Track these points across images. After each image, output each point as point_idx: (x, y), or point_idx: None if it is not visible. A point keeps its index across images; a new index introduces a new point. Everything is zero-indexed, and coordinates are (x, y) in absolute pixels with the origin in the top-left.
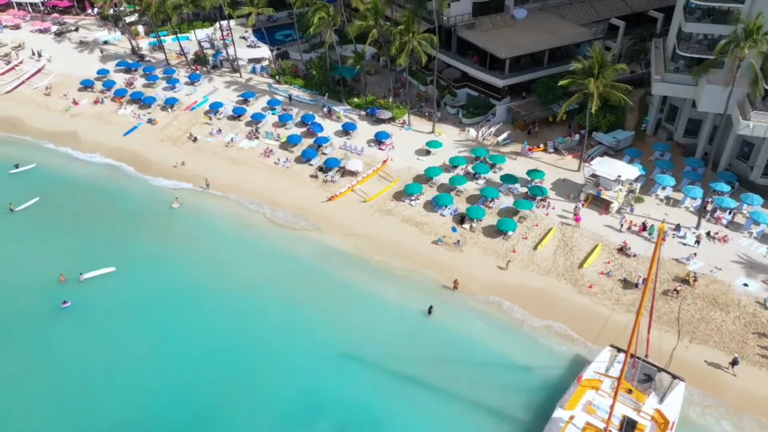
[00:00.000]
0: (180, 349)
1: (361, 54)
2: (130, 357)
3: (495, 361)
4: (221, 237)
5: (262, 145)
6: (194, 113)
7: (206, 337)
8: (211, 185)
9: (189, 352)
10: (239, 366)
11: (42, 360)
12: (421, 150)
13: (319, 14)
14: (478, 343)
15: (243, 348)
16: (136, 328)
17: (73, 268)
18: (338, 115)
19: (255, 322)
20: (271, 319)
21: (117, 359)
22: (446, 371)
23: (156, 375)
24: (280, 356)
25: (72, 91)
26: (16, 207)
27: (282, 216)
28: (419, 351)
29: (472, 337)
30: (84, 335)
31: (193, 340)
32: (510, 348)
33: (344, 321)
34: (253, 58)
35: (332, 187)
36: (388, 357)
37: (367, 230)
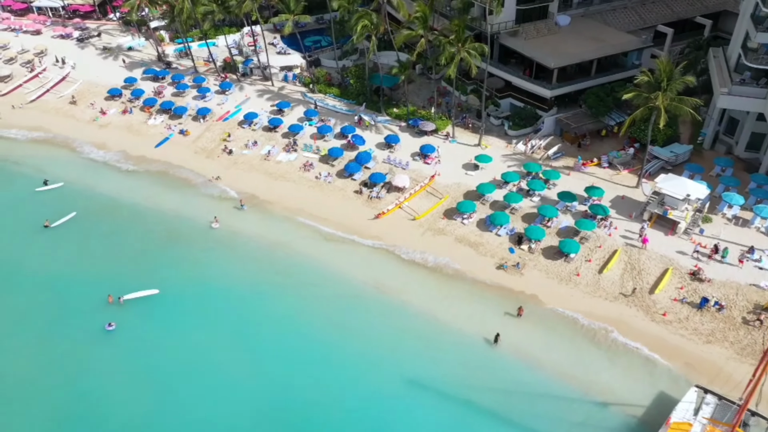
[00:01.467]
0: (229, 377)
1: (406, 63)
2: (178, 383)
3: (569, 395)
4: (264, 257)
5: (301, 158)
6: (227, 124)
7: (255, 363)
8: (246, 204)
9: (239, 380)
10: (292, 392)
11: (87, 386)
12: (468, 164)
13: (363, 22)
14: (550, 374)
15: (295, 374)
16: (182, 354)
17: (114, 288)
18: (367, 124)
19: (307, 346)
20: (323, 344)
21: (164, 386)
22: (517, 404)
23: (203, 404)
24: (334, 385)
25: (99, 99)
26: (52, 223)
27: (327, 234)
28: (488, 381)
29: (543, 367)
30: (129, 360)
31: (243, 367)
32: (585, 381)
33: (405, 348)
34: (285, 66)
35: (378, 203)
36: (455, 387)
37: (420, 251)
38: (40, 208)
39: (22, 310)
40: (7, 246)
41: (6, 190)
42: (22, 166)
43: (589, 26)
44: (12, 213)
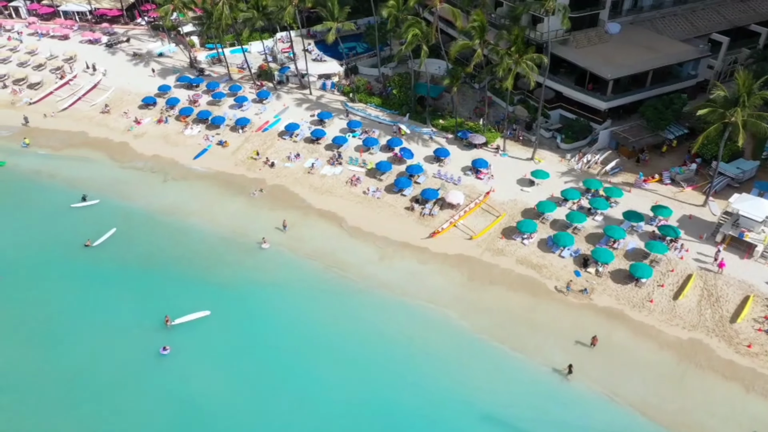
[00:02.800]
0: (289, 402)
1: (457, 74)
2: (236, 406)
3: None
4: (317, 279)
5: (347, 171)
6: (267, 135)
7: (313, 391)
8: (288, 227)
9: (296, 408)
10: (352, 420)
11: (144, 412)
12: (523, 180)
13: (413, 31)
14: (630, 409)
15: (353, 403)
16: (239, 378)
17: (164, 310)
18: (403, 133)
19: (366, 375)
20: (383, 371)
21: (222, 409)
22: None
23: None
24: (401, 414)
25: (132, 108)
26: (94, 242)
27: (383, 254)
28: (564, 417)
29: (621, 401)
30: (187, 384)
31: (300, 396)
32: (670, 417)
33: (472, 380)
34: (323, 74)
35: (431, 221)
36: (529, 423)
37: (479, 275)
38: (79, 226)
39: (73, 336)
40: (51, 268)
41: (41, 207)
42: (56, 179)
43: (641, 34)
44: (51, 232)
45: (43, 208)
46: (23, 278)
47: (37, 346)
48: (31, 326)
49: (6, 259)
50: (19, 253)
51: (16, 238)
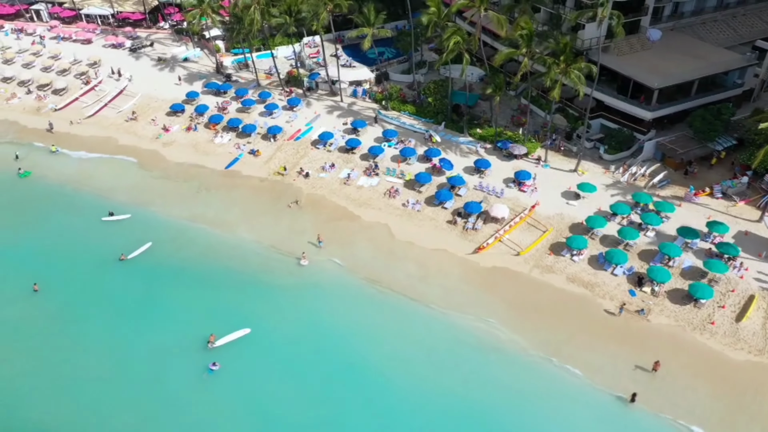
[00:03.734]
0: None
1: (500, 83)
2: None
3: None
4: (359, 295)
5: (384, 183)
6: (300, 144)
7: (368, 411)
8: (324, 242)
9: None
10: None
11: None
12: (568, 193)
13: (455, 38)
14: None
15: (402, 428)
16: (286, 394)
17: (205, 327)
18: (434, 141)
19: (410, 398)
20: (428, 393)
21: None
22: None
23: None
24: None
25: (160, 115)
26: (128, 255)
27: (423, 270)
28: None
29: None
30: (239, 401)
31: (352, 414)
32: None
33: (525, 409)
34: (354, 81)
35: (475, 235)
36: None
37: (529, 293)
38: (111, 239)
39: (114, 353)
40: (86, 283)
41: (72, 219)
42: (85, 189)
43: (683, 41)
44: (83, 245)
45: (73, 221)
46: (59, 292)
47: (82, 364)
48: (71, 343)
49: (40, 272)
50: (52, 266)
51: (48, 251)
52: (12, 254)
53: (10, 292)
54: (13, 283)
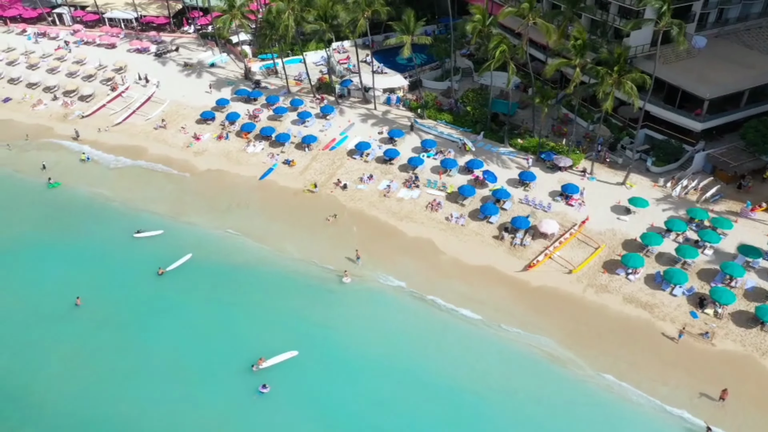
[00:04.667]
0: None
1: (548, 93)
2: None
3: None
4: (404, 313)
5: (425, 195)
6: (335, 153)
7: None
8: (362, 258)
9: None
10: None
11: None
12: (618, 207)
13: (501, 47)
14: None
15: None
16: (338, 418)
17: (249, 347)
18: (468, 149)
19: (467, 422)
20: (484, 416)
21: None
22: None
23: None
24: None
25: (189, 123)
26: (166, 268)
27: (472, 288)
28: None
29: None
30: (292, 425)
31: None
32: None
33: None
34: (389, 88)
35: (523, 252)
36: None
37: (585, 314)
38: (147, 252)
39: (161, 373)
40: (128, 299)
41: (104, 233)
42: (116, 201)
43: (729, 49)
44: (119, 259)
45: (107, 234)
46: (101, 306)
47: (127, 383)
48: (116, 360)
49: (78, 286)
50: (90, 280)
51: (84, 265)
52: (49, 268)
53: (54, 305)
54: (55, 297)
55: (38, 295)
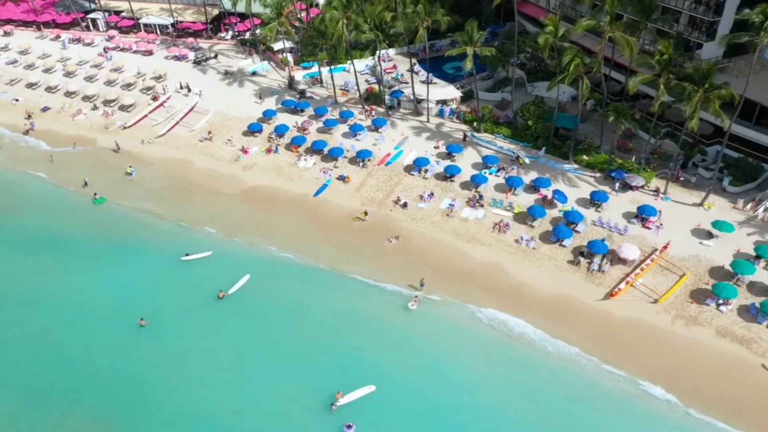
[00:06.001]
0: None
1: (623, 110)
2: None
3: None
4: (481, 345)
5: (491, 215)
6: (391, 169)
7: None
8: (427, 284)
9: None
10: None
11: None
12: (698, 230)
13: (576, 61)
14: None
15: None
16: None
17: (324, 380)
18: (521, 162)
19: None
20: None
21: None
22: None
23: None
24: None
25: (236, 135)
26: (227, 291)
27: (552, 317)
28: None
29: None
30: None
31: None
32: None
33: None
34: (441, 99)
35: (602, 278)
36: None
37: (676, 348)
38: (203, 272)
39: (237, 404)
40: (192, 323)
41: (156, 252)
42: (164, 219)
43: None
44: (173, 280)
45: (159, 253)
46: (164, 328)
47: (203, 415)
48: (184, 389)
49: (138, 308)
50: (148, 301)
51: (140, 284)
52: (105, 288)
53: (118, 326)
54: (118, 317)
55: (101, 316)
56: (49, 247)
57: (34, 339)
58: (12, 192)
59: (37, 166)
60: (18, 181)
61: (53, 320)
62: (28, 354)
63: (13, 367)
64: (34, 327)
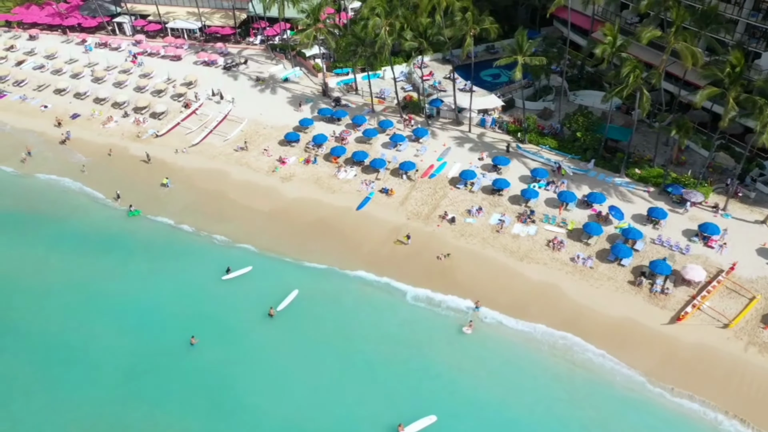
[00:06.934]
0: None
1: (686, 125)
2: None
3: None
4: (541, 374)
5: (543, 232)
6: (436, 182)
7: None
8: (481, 306)
9: None
10: None
11: None
12: (764, 250)
13: (636, 73)
14: None
15: None
16: None
17: (386, 410)
18: (563, 173)
19: None
20: None
21: None
22: None
23: None
24: None
25: (272, 144)
26: (276, 308)
27: (616, 341)
28: None
29: None
30: None
31: None
32: None
33: None
34: (483, 109)
35: (666, 301)
36: None
37: (751, 378)
38: (247, 287)
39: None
40: (243, 341)
41: (198, 268)
42: (203, 232)
43: None
44: (218, 296)
45: (199, 269)
46: (215, 346)
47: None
48: (242, 411)
49: (186, 325)
50: (194, 318)
51: (184, 301)
52: (148, 306)
53: (169, 343)
54: (168, 334)
55: (150, 335)
56: (88, 262)
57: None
58: (46, 203)
59: (70, 174)
60: (51, 191)
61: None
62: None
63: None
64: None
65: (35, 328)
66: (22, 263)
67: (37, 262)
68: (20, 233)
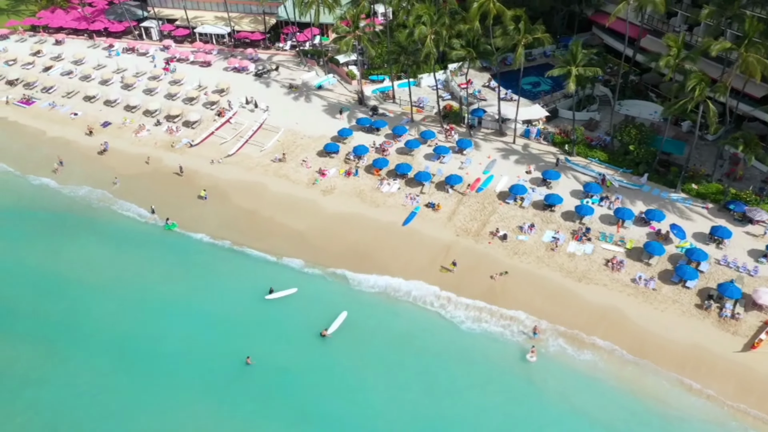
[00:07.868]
0: None
1: (752, 139)
2: None
3: None
4: (614, 408)
5: (600, 250)
6: (483, 197)
7: None
8: (540, 332)
9: None
10: None
11: None
12: None
13: (702, 86)
14: None
15: None
16: None
17: None
18: (609, 184)
19: None
20: None
21: None
22: None
23: None
24: None
25: (310, 155)
26: (328, 330)
27: (685, 370)
28: None
29: None
30: None
31: None
32: None
33: None
34: (527, 119)
35: (737, 326)
36: None
37: None
38: (289, 310)
39: None
40: (298, 363)
41: (238, 287)
42: (243, 247)
43: None
44: (266, 316)
45: (242, 287)
46: (271, 367)
47: None
48: None
49: (237, 345)
50: (245, 337)
51: (234, 320)
52: (196, 326)
53: (225, 363)
54: (221, 355)
55: (202, 355)
56: (128, 277)
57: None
58: (78, 217)
59: (103, 186)
60: (84, 203)
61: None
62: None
63: None
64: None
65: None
66: (58, 281)
67: (74, 276)
68: (53, 249)
